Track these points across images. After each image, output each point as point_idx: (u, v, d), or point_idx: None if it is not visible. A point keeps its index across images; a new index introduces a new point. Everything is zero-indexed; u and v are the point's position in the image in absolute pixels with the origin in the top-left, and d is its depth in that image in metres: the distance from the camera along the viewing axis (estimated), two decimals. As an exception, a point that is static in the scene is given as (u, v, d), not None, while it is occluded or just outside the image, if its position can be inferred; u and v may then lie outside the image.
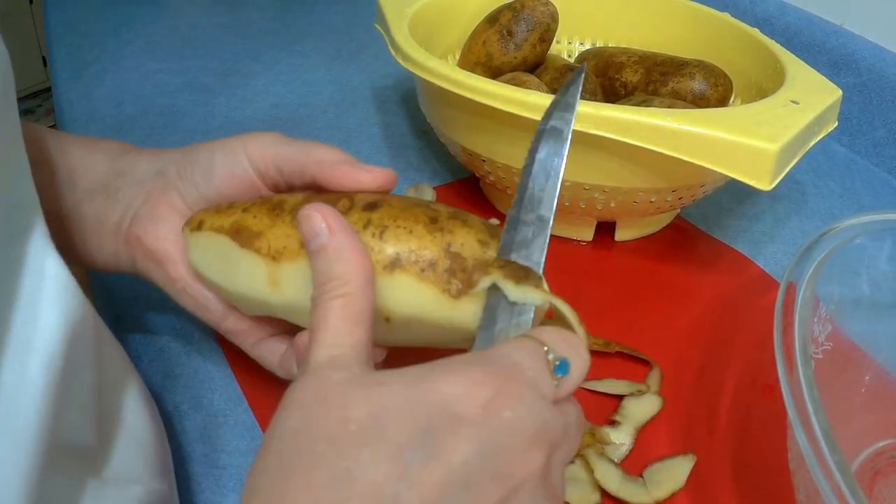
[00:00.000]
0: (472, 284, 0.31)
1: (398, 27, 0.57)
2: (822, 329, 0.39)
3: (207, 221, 0.37)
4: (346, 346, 0.27)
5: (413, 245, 0.32)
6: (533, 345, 0.27)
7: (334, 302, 0.28)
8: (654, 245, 0.60)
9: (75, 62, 0.84)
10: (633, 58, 0.64)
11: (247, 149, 0.37)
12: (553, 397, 0.27)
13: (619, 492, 0.39)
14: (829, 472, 0.29)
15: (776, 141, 0.44)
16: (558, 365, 0.27)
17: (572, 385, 0.28)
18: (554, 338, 0.28)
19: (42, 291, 0.27)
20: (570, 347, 0.28)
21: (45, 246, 0.28)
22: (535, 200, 0.32)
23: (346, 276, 0.29)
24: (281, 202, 0.36)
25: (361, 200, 0.34)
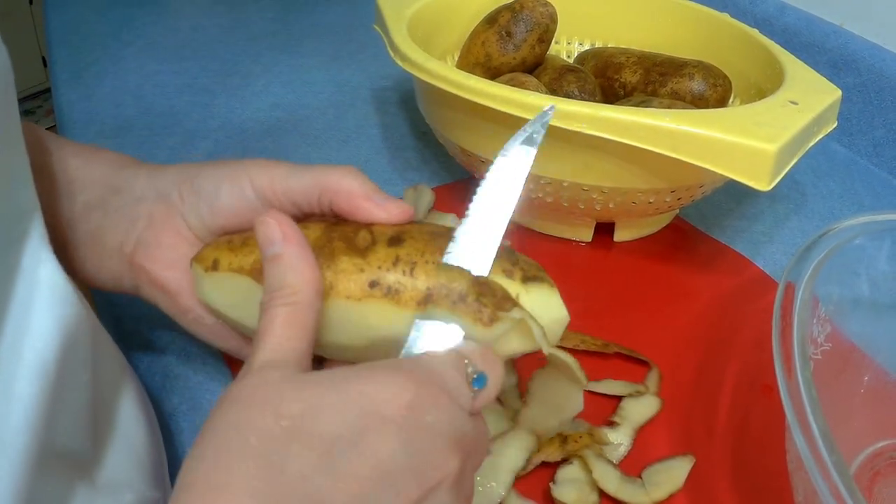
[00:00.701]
0: (503, 310, 0.32)
1: (397, 28, 0.57)
2: (821, 330, 0.39)
3: (224, 261, 0.35)
4: (288, 351, 0.28)
5: (443, 279, 0.33)
6: (455, 357, 0.29)
7: (282, 309, 0.29)
8: (653, 246, 0.60)
9: (75, 63, 0.84)
10: (632, 58, 0.64)
11: (253, 181, 0.36)
12: (470, 408, 0.29)
13: (617, 493, 0.39)
14: (827, 474, 0.28)
15: (775, 141, 0.44)
16: (476, 378, 0.29)
17: (487, 398, 0.30)
18: (474, 353, 0.30)
19: (34, 299, 0.28)
20: (488, 363, 0.30)
21: (40, 251, 0.28)
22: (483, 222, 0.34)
23: (296, 287, 0.30)
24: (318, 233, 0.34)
25: (383, 235, 0.34)
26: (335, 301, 0.33)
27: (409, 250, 0.33)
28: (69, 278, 0.30)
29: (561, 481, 0.40)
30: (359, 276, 0.33)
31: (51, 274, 0.29)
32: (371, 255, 0.33)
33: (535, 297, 0.34)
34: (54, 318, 0.28)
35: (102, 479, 0.32)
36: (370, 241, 0.34)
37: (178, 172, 0.38)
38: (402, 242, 0.34)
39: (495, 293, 0.33)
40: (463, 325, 0.32)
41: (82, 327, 0.30)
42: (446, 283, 0.32)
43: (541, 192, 0.54)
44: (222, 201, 0.36)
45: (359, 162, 0.68)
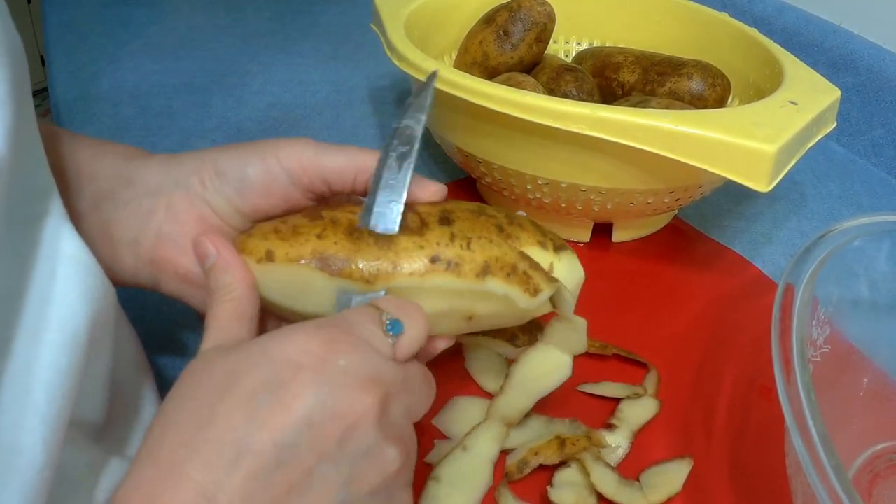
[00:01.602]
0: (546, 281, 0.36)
1: (394, 27, 0.57)
2: (821, 331, 0.39)
3: (279, 252, 0.35)
4: (231, 337, 0.32)
5: (496, 252, 0.36)
6: (368, 309, 0.32)
7: (223, 305, 0.33)
8: (652, 246, 0.59)
9: (73, 63, 0.84)
10: (630, 58, 0.64)
11: (282, 161, 0.36)
12: (392, 354, 0.31)
13: (615, 496, 0.39)
14: (826, 479, 0.28)
15: (774, 142, 0.43)
16: (390, 323, 0.31)
17: (409, 343, 0.32)
18: (388, 304, 0.33)
19: (58, 271, 0.29)
20: (404, 312, 0.32)
21: (60, 227, 0.30)
22: (388, 188, 0.36)
23: (232, 285, 0.34)
24: (351, 223, 0.36)
25: (430, 215, 0.37)
26: (400, 279, 0.35)
27: (462, 227, 0.36)
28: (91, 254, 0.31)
29: (558, 484, 0.39)
30: (420, 253, 0.35)
31: (74, 247, 0.30)
32: (428, 234, 0.36)
33: (564, 264, 0.38)
34: (80, 289, 0.30)
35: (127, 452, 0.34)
36: (419, 222, 0.36)
37: (194, 159, 0.37)
38: (451, 222, 0.37)
39: (539, 266, 0.37)
40: (514, 293, 0.36)
41: (107, 300, 0.32)
42: (500, 256, 0.36)
43: (538, 192, 0.53)
44: (251, 181, 0.36)
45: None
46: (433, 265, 0.35)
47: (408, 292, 0.35)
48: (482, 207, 0.39)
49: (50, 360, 0.28)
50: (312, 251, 0.35)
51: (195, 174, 0.37)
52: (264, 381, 0.28)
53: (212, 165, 0.37)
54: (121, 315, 0.36)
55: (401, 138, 0.37)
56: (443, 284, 0.35)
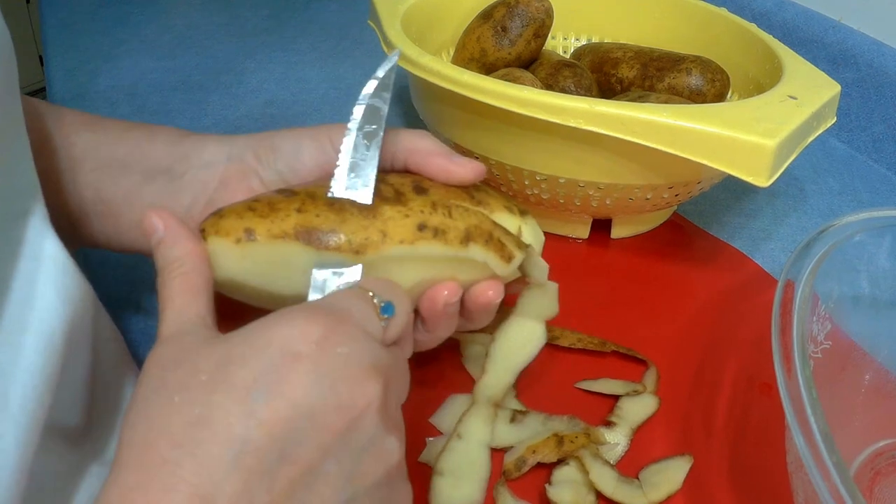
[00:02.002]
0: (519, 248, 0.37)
1: (391, 24, 0.57)
2: (821, 328, 0.38)
3: (259, 229, 0.34)
4: (191, 315, 0.30)
5: (474, 220, 0.36)
6: (358, 291, 0.31)
7: (175, 280, 0.31)
8: (651, 242, 0.59)
9: (70, 61, 0.84)
10: (629, 53, 0.63)
11: (333, 140, 0.37)
12: (382, 338, 0.30)
13: (614, 494, 0.39)
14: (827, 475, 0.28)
15: (774, 137, 0.43)
16: (383, 307, 0.30)
17: (399, 325, 0.31)
18: (377, 285, 0.31)
19: (39, 272, 0.29)
20: (392, 292, 0.31)
21: (43, 228, 0.29)
22: (358, 167, 0.35)
23: (182, 258, 0.32)
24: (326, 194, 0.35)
25: (405, 185, 0.36)
26: (389, 248, 0.34)
27: (438, 196, 0.36)
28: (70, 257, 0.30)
29: (557, 482, 0.39)
30: (406, 221, 0.35)
31: (54, 249, 0.30)
32: (410, 203, 0.35)
33: (530, 228, 0.39)
34: (58, 291, 0.29)
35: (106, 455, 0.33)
36: (394, 193, 0.35)
37: (249, 138, 0.39)
38: (426, 191, 0.36)
39: (509, 232, 0.37)
40: (492, 260, 0.36)
41: (85, 302, 0.31)
42: (478, 224, 0.36)
43: (536, 188, 0.53)
44: (304, 158, 0.38)
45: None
46: (420, 233, 0.35)
47: (395, 262, 0.34)
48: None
49: (26, 362, 0.27)
50: (295, 225, 0.34)
51: (250, 150, 0.38)
52: (260, 373, 0.26)
53: (268, 142, 0.38)
54: (103, 315, 0.35)
55: (367, 116, 0.36)
56: (430, 252, 0.35)
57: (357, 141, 0.36)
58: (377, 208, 0.34)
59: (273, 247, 0.34)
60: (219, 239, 0.34)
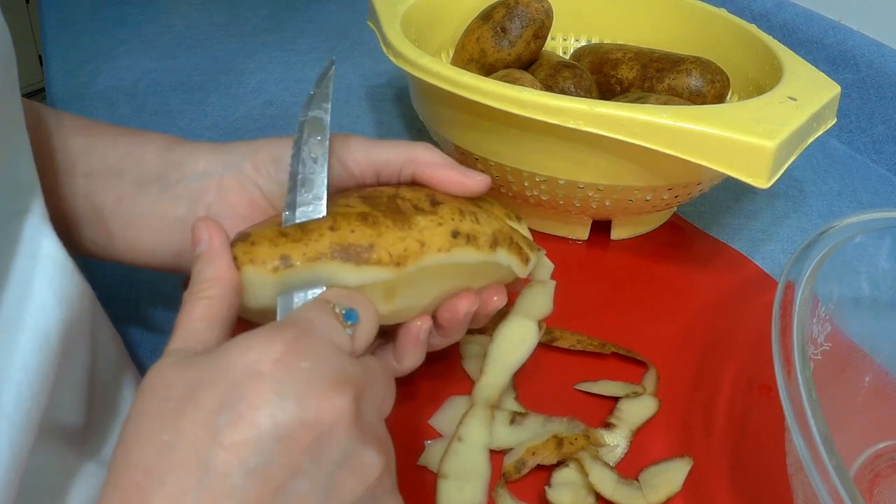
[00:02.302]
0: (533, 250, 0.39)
1: (390, 24, 0.57)
2: (821, 329, 0.38)
3: (295, 254, 0.33)
4: (199, 343, 0.29)
5: (497, 225, 0.37)
6: (318, 303, 0.30)
7: (200, 302, 0.30)
8: (651, 244, 0.59)
9: (69, 61, 0.84)
10: (628, 54, 0.63)
11: (336, 153, 0.37)
12: (351, 348, 0.29)
13: (614, 496, 0.39)
14: (827, 477, 0.28)
15: (774, 138, 0.43)
16: (345, 314, 0.30)
17: (365, 333, 0.30)
18: (337, 294, 0.31)
19: (36, 271, 0.28)
20: (354, 300, 0.31)
21: (41, 227, 0.29)
22: (308, 182, 0.35)
23: (213, 282, 0.31)
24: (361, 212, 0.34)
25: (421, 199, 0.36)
26: (428, 257, 0.34)
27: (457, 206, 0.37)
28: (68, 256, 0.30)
29: (556, 484, 0.39)
30: (441, 230, 0.35)
31: (52, 248, 0.29)
32: (440, 211, 0.36)
33: (525, 231, 0.41)
34: (55, 290, 0.29)
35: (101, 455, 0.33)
36: (412, 207, 0.36)
37: (244, 145, 0.38)
38: (441, 203, 0.36)
39: (522, 235, 0.39)
40: (514, 263, 0.38)
41: (83, 302, 0.31)
42: (500, 228, 0.37)
43: (536, 189, 0.53)
44: None
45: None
46: (455, 240, 0.35)
47: (427, 273, 0.35)
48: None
49: (21, 360, 0.27)
50: (331, 244, 0.33)
51: (248, 159, 0.37)
52: (223, 396, 0.25)
53: (267, 151, 0.37)
54: (101, 316, 0.35)
55: (311, 129, 0.36)
56: (465, 258, 0.35)
57: (303, 157, 0.35)
58: (409, 218, 0.35)
59: (311, 270, 0.33)
60: (254, 268, 0.33)
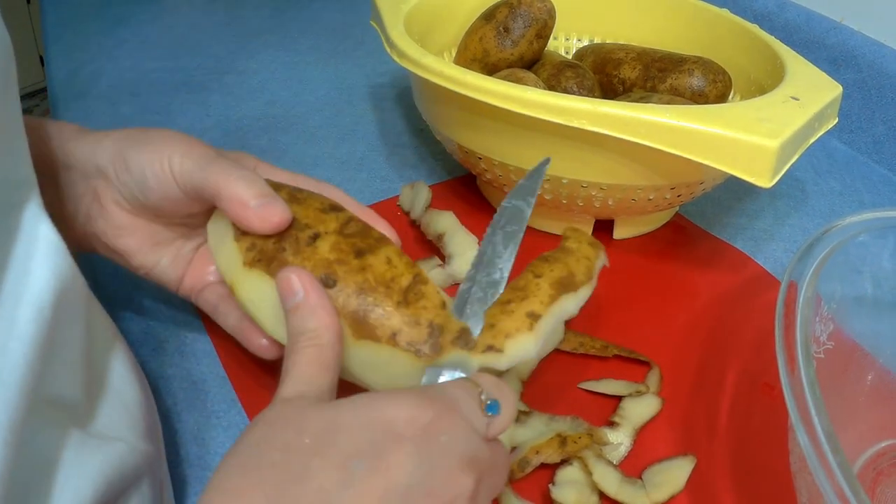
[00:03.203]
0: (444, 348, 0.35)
1: (393, 24, 0.57)
2: (824, 328, 0.38)
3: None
4: (314, 387, 0.31)
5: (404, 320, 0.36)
6: (469, 384, 0.31)
7: (308, 350, 0.32)
8: (653, 243, 0.59)
9: (71, 61, 0.84)
10: (631, 54, 0.63)
11: (173, 169, 0.37)
12: (484, 433, 0.30)
13: (617, 494, 0.39)
14: (831, 474, 0.28)
15: (776, 138, 0.43)
16: (489, 405, 0.30)
17: (503, 424, 0.31)
18: (487, 381, 0.32)
19: (34, 252, 0.29)
20: (501, 392, 0.31)
21: (39, 214, 0.30)
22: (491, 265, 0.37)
23: (318, 331, 0.33)
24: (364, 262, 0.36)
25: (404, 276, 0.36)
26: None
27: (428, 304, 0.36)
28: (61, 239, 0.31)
29: (560, 483, 0.39)
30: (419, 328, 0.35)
31: (47, 231, 0.30)
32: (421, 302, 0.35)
33: None
34: (51, 268, 0.30)
35: (94, 429, 0.34)
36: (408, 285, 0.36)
37: (114, 144, 0.39)
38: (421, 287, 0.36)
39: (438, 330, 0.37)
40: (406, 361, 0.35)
41: (76, 281, 0.32)
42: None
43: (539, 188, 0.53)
44: (150, 184, 0.38)
45: (355, 159, 0.68)
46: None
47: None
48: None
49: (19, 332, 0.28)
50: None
51: (111, 164, 0.39)
52: (363, 445, 0.27)
53: (123, 160, 0.38)
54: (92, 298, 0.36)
55: (510, 217, 0.38)
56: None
57: (496, 240, 0.37)
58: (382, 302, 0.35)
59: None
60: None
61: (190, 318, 0.49)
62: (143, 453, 0.36)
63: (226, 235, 0.38)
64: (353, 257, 0.36)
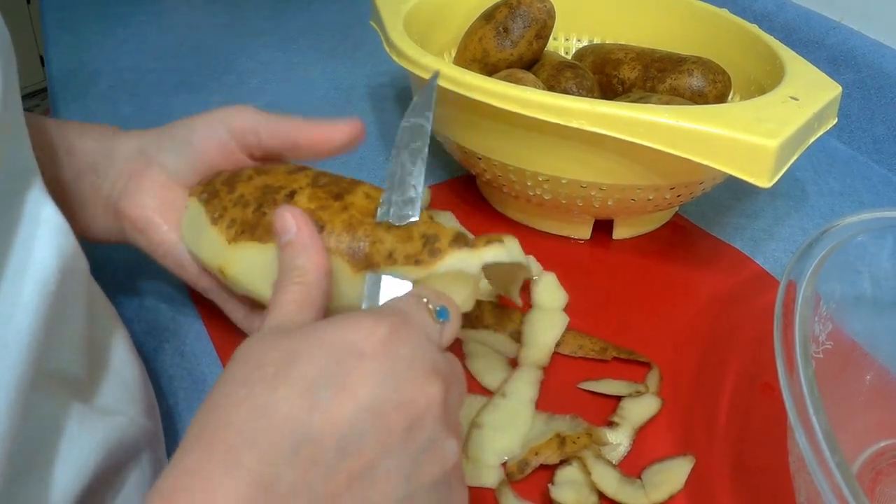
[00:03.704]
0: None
1: (393, 24, 0.57)
2: (823, 328, 0.38)
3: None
4: (293, 324, 0.31)
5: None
6: (415, 297, 0.32)
7: (293, 287, 0.32)
8: (653, 243, 0.59)
9: (71, 62, 0.84)
10: (630, 54, 0.63)
11: (224, 119, 0.41)
12: (439, 342, 0.31)
13: (616, 494, 0.39)
14: (830, 474, 0.28)
15: (775, 138, 0.43)
16: (438, 311, 0.31)
17: (453, 330, 0.32)
18: (429, 292, 0.32)
19: (38, 231, 0.30)
20: (445, 299, 0.32)
21: (42, 197, 0.31)
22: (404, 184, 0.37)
23: (305, 268, 0.33)
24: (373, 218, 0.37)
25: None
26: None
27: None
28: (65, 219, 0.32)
29: (560, 483, 0.39)
30: None
31: (50, 213, 0.31)
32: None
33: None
34: (54, 246, 0.31)
35: (96, 403, 0.34)
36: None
37: (158, 130, 0.43)
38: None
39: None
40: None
41: (78, 260, 0.33)
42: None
43: (539, 189, 0.53)
44: (196, 141, 0.41)
45: (355, 160, 0.68)
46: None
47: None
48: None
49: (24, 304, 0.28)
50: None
51: (155, 142, 0.43)
52: (325, 369, 0.27)
53: (168, 133, 0.43)
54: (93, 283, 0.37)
55: (412, 135, 0.38)
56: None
57: (403, 159, 0.38)
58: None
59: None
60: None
61: (190, 319, 0.49)
62: (143, 428, 0.36)
63: (201, 226, 0.40)
64: (332, 201, 0.37)
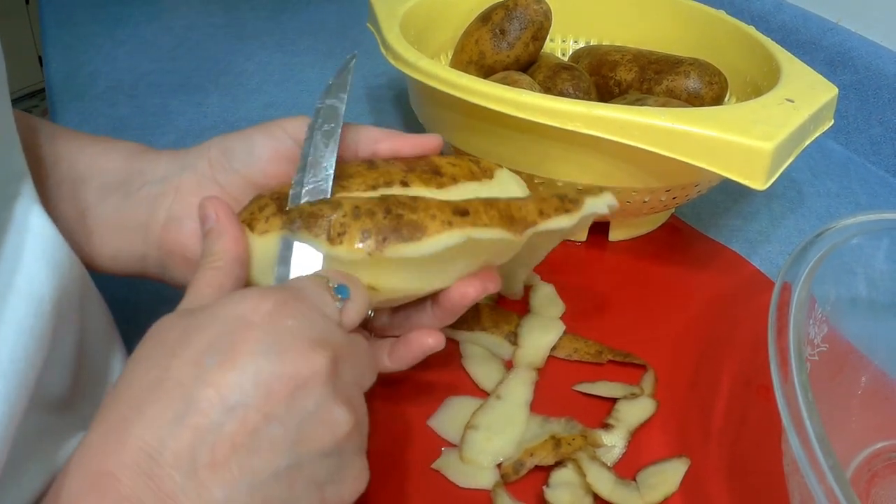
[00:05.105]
0: None
1: (389, 26, 0.57)
2: (818, 330, 0.38)
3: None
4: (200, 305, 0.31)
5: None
6: (314, 276, 0.33)
7: (208, 272, 0.33)
8: (649, 245, 0.59)
9: (69, 63, 0.84)
10: (626, 56, 0.63)
11: (286, 129, 0.39)
12: (338, 319, 0.32)
13: (611, 496, 0.39)
14: (823, 478, 0.28)
15: (771, 140, 0.43)
16: (337, 288, 0.32)
17: (356, 309, 0.33)
18: (333, 273, 0.33)
19: (26, 242, 0.30)
20: (349, 280, 0.33)
21: (30, 206, 0.31)
22: (317, 165, 0.37)
23: (219, 254, 0.34)
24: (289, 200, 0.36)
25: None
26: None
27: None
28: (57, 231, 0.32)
29: (554, 485, 0.39)
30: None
31: (41, 224, 0.31)
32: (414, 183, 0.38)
33: None
34: (47, 260, 0.31)
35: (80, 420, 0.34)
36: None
37: (200, 147, 0.40)
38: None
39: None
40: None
41: (73, 271, 0.33)
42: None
43: (534, 191, 0.53)
44: (258, 151, 0.39)
45: (352, 161, 0.68)
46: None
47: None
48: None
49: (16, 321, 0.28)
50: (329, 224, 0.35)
51: (202, 158, 0.39)
52: (214, 339, 0.28)
53: (218, 146, 0.39)
54: (91, 288, 0.37)
55: (325, 117, 0.38)
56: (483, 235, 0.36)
57: (316, 141, 0.37)
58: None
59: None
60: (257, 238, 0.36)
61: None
62: None
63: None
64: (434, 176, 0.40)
